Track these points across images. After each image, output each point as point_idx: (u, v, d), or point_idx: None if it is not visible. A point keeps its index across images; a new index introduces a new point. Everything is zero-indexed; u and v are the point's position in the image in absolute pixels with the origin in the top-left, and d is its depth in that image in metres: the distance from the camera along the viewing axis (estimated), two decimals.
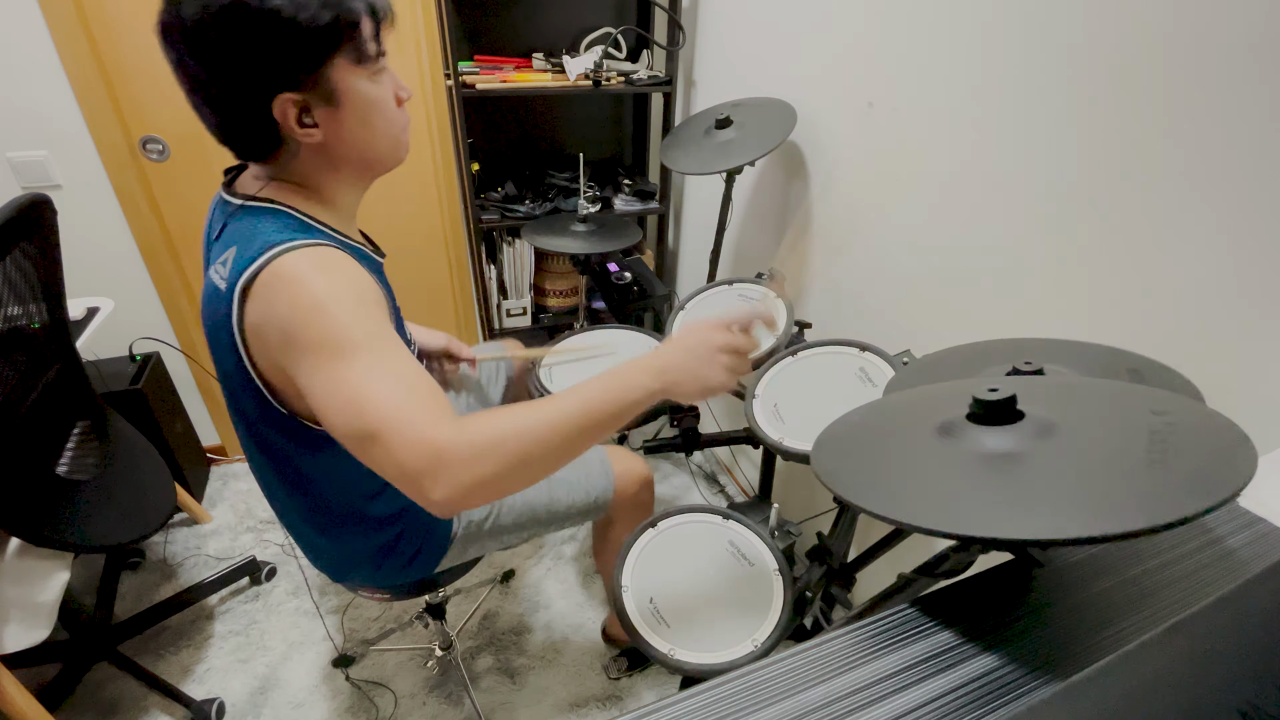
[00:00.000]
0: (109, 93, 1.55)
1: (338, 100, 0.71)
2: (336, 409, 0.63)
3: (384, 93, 0.75)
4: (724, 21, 1.71)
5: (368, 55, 0.72)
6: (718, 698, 0.48)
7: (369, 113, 0.74)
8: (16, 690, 1.16)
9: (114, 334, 1.60)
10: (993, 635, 0.52)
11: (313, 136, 0.72)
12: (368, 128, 0.75)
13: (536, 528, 1.12)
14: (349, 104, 0.72)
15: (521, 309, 2.14)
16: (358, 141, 0.75)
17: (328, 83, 0.70)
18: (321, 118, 0.71)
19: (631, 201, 2.07)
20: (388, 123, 0.77)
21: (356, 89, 0.72)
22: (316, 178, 0.77)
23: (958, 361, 0.81)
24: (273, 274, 0.67)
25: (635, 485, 1.18)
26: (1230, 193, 0.75)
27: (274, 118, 0.69)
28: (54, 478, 1.16)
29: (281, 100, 0.68)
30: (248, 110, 0.69)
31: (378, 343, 0.66)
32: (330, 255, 0.70)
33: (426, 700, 1.46)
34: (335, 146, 0.74)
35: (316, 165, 0.76)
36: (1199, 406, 0.53)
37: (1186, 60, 0.76)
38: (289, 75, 0.68)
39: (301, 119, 0.70)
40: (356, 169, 0.79)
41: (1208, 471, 0.44)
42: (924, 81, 1.12)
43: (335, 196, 0.80)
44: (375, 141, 0.77)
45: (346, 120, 0.73)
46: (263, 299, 0.67)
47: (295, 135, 0.71)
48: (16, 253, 1.03)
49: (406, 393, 0.63)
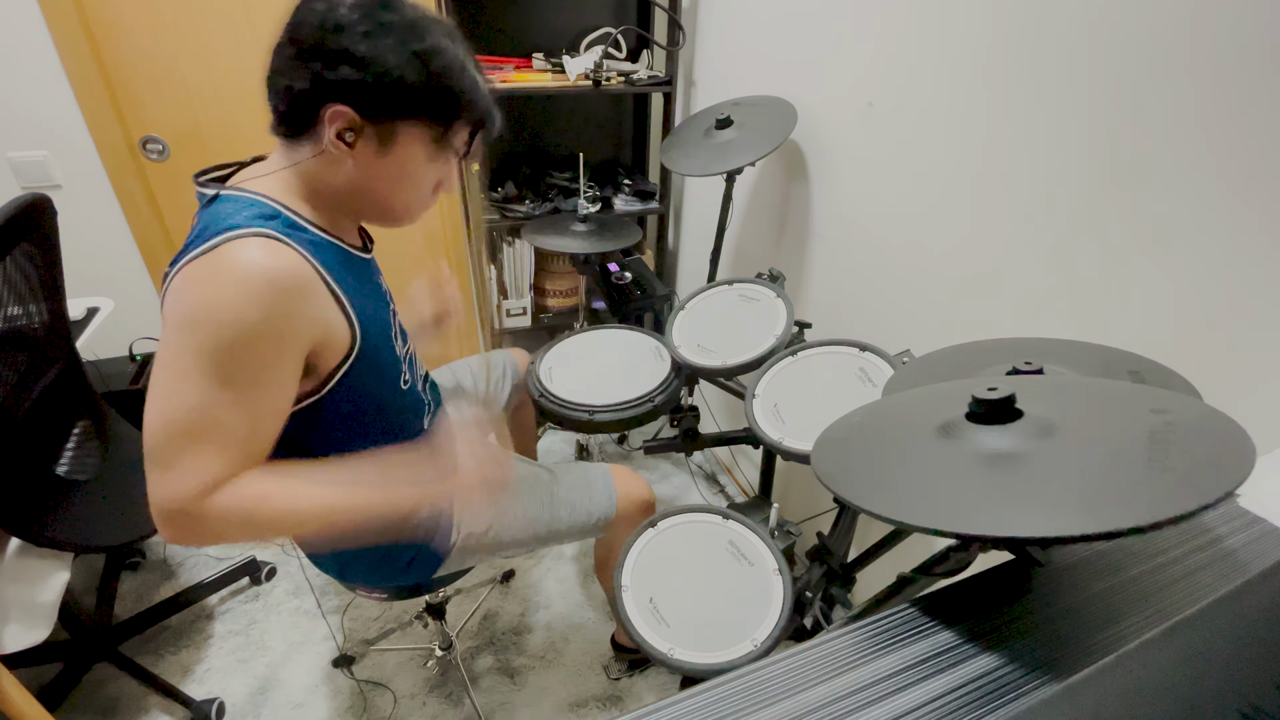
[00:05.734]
0: (109, 93, 1.55)
1: (388, 149, 0.71)
2: (149, 416, 0.64)
3: (432, 173, 0.76)
4: (724, 21, 1.71)
5: (448, 147, 0.74)
6: (718, 698, 0.48)
7: (405, 179, 0.75)
8: (16, 690, 1.15)
9: (114, 334, 1.59)
10: (993, 635, 0.52)
11: (339, 152, 0.70)
12: (394, 187, 0.75)
13: (535, 544, 1.12)
14: (394, 158, 0.72)
15: (521, 309, 2.14)
16: (379, 188, 0.75)
17: (394, 133, 0.70)
18: (362, 148, 0.71)
19: (631, 201, 2.07)
20: (413, 196, 0.78)
21: (412, 154, 0.73)
22: (324, 188, 0.75)
23: (957, 361, 0.81)
24: (214, 258, 0.64)
25: (635, 506, 1.17)
26: (1230, 192, 0.75)
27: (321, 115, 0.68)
28: (54, 478, 1.16)
29: (337, 110, 0.67)
30: (310, 95, 0.68)
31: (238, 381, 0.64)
32: (274, 261, 0.66)
33: (426, 700, 1.45)
34: (357, 177, 0.73)
35: (331, 179, 0.74)
36: (1199, 405, 0.53)
37: (1186, 60, 0.76)
38: (369, 102, 0.68)
39: (344, 135, 0.69)
40: (362, 206, 0.79)
41: (1206, 469, 0.44)
42: (924, 81, 1.12)
43: (331, 211, 0.79)
44: (391, 200, 0.77)
45: (382, 167, 0.73)
46: (191, 276, 0.64)
47: (325, 139, 0.70)
48: (16, 253, 1.03)
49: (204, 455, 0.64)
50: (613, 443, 2.21)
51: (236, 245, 0.65)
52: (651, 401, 1.24)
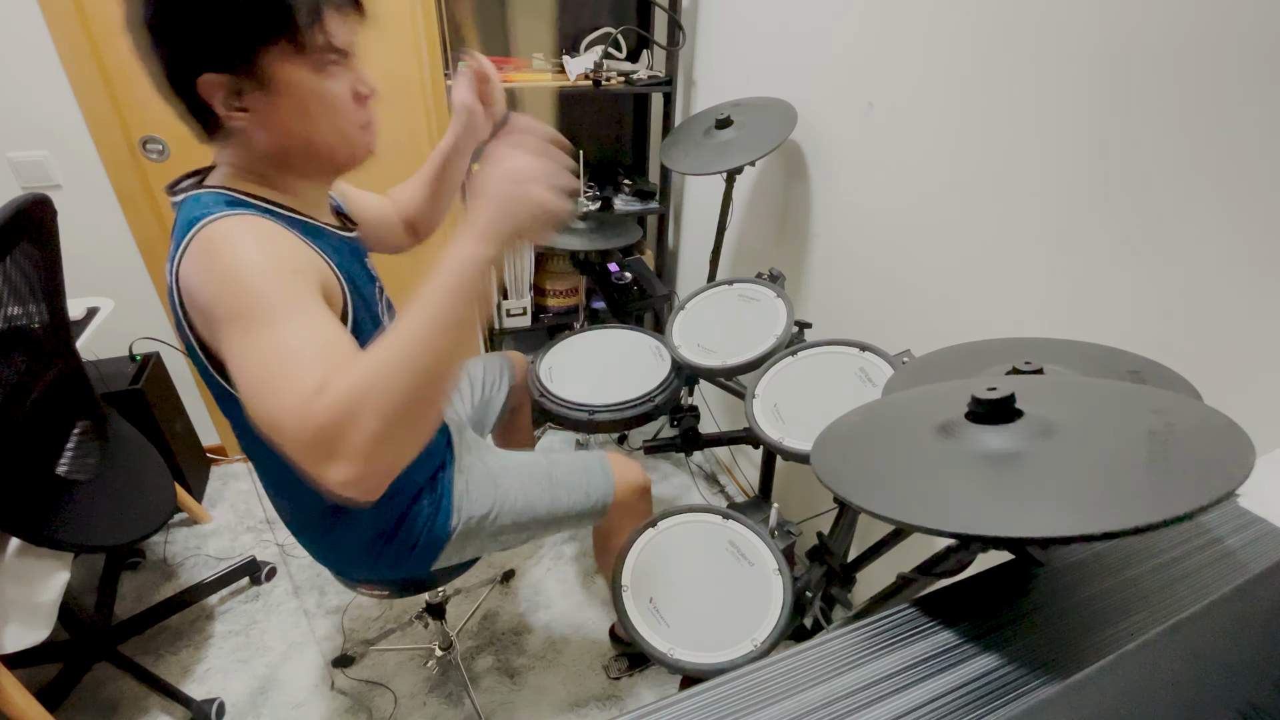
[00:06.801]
0: (109, 93, 1.55)
1: (273, 89, 0.69)
2: (244, 393, 0.61)
3: (333, 86, 0.73)
4: (724, 21, 1.71)
5: (311, 46, 0.69)
6: (718, 698, 0.48)
7: (308, 104, 0.72)
8: (16, 690, 1.16)
9: (114, 334, 1.59)
10: (993, 635, 0.52)
11: (238, 120, 0.70)
12: (307, 120, 0.73)
13: (536, 529, 1.12)
14: (285, 94, 0.70)
15: (521, 309, 2.13)
16: (295, 132, 0.73)
17: (262, 70, 0.68)
18: (255, 104, 0.70)
19: (631, 201, 2.07)
20: (333, 116, 0.74)
21: (296, 80, 0.70)
22: (264, 165, 0.75)
23: (957, 361, 0.81)
24: (196, 245, 0.66)
25: (632, 491, 1.18)
26: (1230, 192, 0.75)
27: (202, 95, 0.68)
28: (54, 478, 1.16)
29: (208, 80, 0.67)
30: (177, 83, 0.68)
31: (283, 312, 0.62)
32: (252, 223, 0.68)
33: (426, 700, 1.45)
34: (271, 135, 0.72)
35: (259, 153, 0.74)
36: (1198, 405, 0.53)
37: (1186, 60, 0.76)
38: (218, 56, 0.67)
39: (230, 102, 0.69)
40: (303, 161, 0.76)
41: (1205, 469, 0.44)
42: (924, 81, 1.12)
43: (291, 186, 0.78)
44: (316, 134, 0.74)
45: (282, 109, 0.71)
46: (188, 275, 0.67)
47: (223, 117, 0.70)
48: (16, 253, 1.03)
49: (297, 370, 0.58)
50: (613, 442, 2.21)
51: (209, 227, 0.66)
52: (651, 401, 1.24)
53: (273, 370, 0.59)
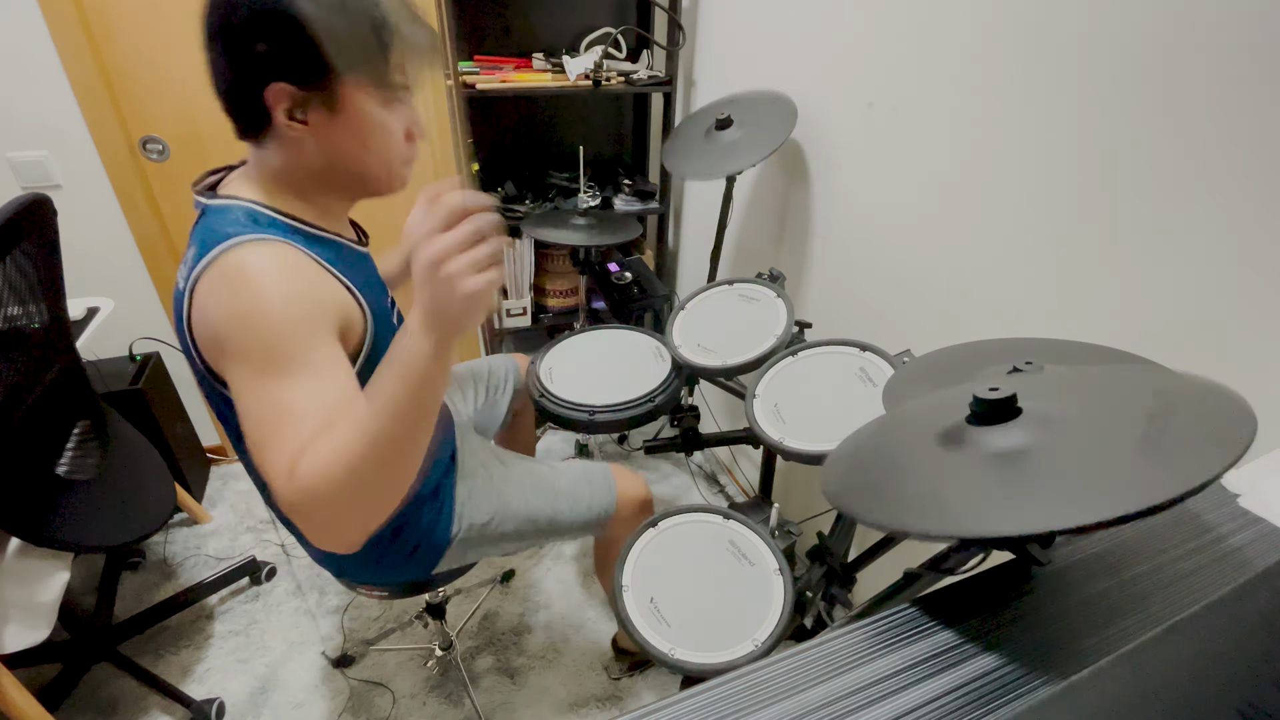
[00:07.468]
0: (109, 93, 1.55)
1: (339, 110, 0.71)
2: (244, 430, 0.65)
3: (392, 120, 0.75)
4: (724, 21, 1.71)
5: (395, 85, 0.72)
6: (718, 698, 0.48)
7: (367, 133, 0.73)
8: (16, 690, 1.16)
9: (114, 334, 1.59)
10: (993, 635, 0.52)
11: (296, 132, 0.70)
12: (361, 146, 0.74)
13: (537, 537, 1.12)
14: (349, 118, 0.71)
15: (521, 309, 2.14)
16: (347, 154, 0.74)
17: (335, 93, 0.69)
18: (316, 120, 0.70)
19: (631, 201, 2.07)
20: (385, 149, 0.76)
21: (364, 109, 0.71)
22: (300, 175, 0.75)
23: (957, 361, 0.81)
24: (218, 270, 0.66)
25: (634, 504, 1.18)
26: (1230, 192, 0.75)
27: (265, 101, 0.68)
28: (54, 478, 1.16)
29: (277, 89, 0.67)
30: (242, 84, 0.68)
31: (291, 367, 0.65)
32: (279, 255, 0.68)
33: (426, 700, 1.45)
34: (322, 151, 0.73)
35: (301, 164, 0.74)
36: (1202, 381, 0.53)
37: (1186, 60, 0.76)
38: (298, 72, 0.67)
39: (293, 114, 0.69)
40: (343, 181, 0.78)
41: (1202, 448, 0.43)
42: (924, 81, 1.12)
43: (317, 199, 0.79)
44: (367, 161, 0.76)
45: (341, 132, 0.72)
46: (204, 296, 0.67)
47: (279, 125, 0.70)
48: (17, 253, 1.03)
49: (291, 435, 0.62)
50: (613, 443, 2.21)
51: (234, 252, 0.66)
52: (652, 401, 1.24)
53: (270, 425, 0.63)
